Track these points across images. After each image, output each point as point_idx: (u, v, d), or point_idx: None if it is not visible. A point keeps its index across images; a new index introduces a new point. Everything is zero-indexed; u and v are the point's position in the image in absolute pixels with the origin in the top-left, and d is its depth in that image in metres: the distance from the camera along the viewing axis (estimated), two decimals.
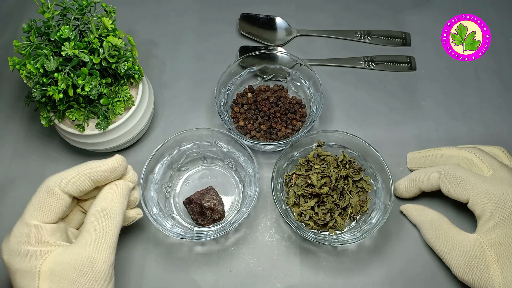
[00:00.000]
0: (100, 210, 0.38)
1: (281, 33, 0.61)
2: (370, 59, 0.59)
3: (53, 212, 0.37)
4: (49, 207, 0.37)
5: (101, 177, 0.39)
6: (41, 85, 0.43)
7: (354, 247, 0.48)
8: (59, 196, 0.37)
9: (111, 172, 0.39)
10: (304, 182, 0.48)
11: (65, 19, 0.46)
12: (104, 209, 0.38)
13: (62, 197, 0.37)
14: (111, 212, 0.38)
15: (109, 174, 0.39)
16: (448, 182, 0.45)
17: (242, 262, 0.47)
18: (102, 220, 0.37)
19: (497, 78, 0.57)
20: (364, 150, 0.49)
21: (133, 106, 0.48)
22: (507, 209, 0.41)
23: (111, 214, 0.38)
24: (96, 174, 0.38)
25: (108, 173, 0.39)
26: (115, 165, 0.39)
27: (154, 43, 0.60)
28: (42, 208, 0.37)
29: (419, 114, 0.55)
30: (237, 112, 0.54)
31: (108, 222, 0.37)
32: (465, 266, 0.42)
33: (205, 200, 0.47)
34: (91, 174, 0.38)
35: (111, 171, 0.39)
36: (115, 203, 0.39)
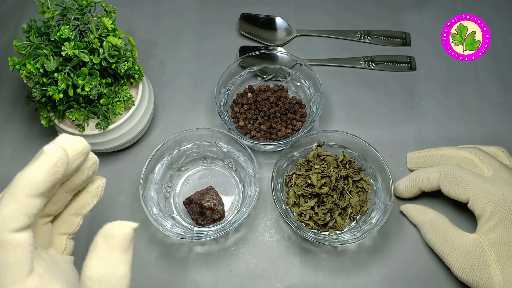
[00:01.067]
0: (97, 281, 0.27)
1: (281, 33, 0.61)
2: (370, 59, 0.59)
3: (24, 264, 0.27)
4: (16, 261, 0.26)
5: (47, 187, 0.27)
6: (41, 85, 0.43)
7: (354, 247, 0.48)
8: (16, 242, 0.26)
9: (55, 173, 0.27)
10: (304, 182, 0.48)
11: (65, 19, 0.46)
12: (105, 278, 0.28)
13: (20, 239, 0.27)
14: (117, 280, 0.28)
15: (54, 176, 0.27)
16: (448, 182, 0.45)
17: (242, 262, 0.47)
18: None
19: (497, 78, 0.57)
20: (364, 150, 0.49)
21: (133, 106, 0.48)
22: (507, 209, 0.41)
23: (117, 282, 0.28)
24: (39, 187, 0.27)
25: (52, 176, 0.27)
26: (53, 161, 0.27)
27: (154, 43, 0.60)
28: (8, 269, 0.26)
29: (419, 114, 0.55)
30: (237, 112, 0.54)
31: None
32: (465, 266, 0.42)
33: (205, 200, 0.47)
34: (33, 191, 0.27)
35: (54, 171, 0.27)
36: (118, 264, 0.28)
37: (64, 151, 0.28)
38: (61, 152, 0.28)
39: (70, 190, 0.33)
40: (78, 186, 0.33)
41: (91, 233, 0.33)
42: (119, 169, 0.52)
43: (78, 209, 0.35)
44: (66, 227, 0.34)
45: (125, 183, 0.51)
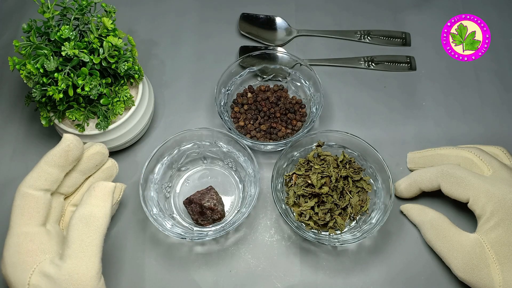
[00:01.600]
0: (79, 218, 0.36)
1: (281, 33, 0.61)
2: (370, 59, 0.59)
3: (35, 214, 0.37)
4: (30, 210, 0.37)
5: (61, 160, 0.39)
6: (41, 85, 0.43)
7: (354, 247, 0.48)
8: (34, 196, 0.37)
9: (67, 151, 0.39)
10: (304, 182, 0.48)
11: (65, 19, 0.46)
12: (84, 216, 0.36)
13: (37, 195, 0.38)
14: (92, 219, 0.36)
15: (66, 153, 0.39)
16: (448, 182, 0.45)
17: (242, 262, 0.47)
18: (82, 228, 0.36)
19: (497, 78, 0.57)
20: (364, 150, 0.49)
21: (133, 106, 0.48)
22: (507, 209, 0.41)
23: (92, 220, 0.36)
24: (55, 159, 0.38)
25: (65, 153, 0.39)
26: (67, 143, 0.39)
27: (154, 43, 0.60)
28: (23, 214, 0.37)
29: (419, 114, 0.55)
30: (237, 112, 0.54)
31: (90, 230, 0.36)
32: (465, 266, 0.42)
33: (205, 200, 0.47)
34: (50, 161, 0.38)
35: (66, 150, 0.39)
36: (95, 207, 0.37)
37: (78, 140, 0.40)
38: (74, 138, 0.39)
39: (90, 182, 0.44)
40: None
41: None
42: (119, 169, 0.52)
43: None
44: None
45: (125, 183, 0.51)
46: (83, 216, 0.36)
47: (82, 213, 0.36)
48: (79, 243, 0.35)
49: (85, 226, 0.36)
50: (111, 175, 0.45)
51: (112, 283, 0.46)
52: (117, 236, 0.48)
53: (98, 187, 0.37)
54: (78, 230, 0.36)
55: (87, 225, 0.36)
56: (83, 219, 0.36)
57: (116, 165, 0.45)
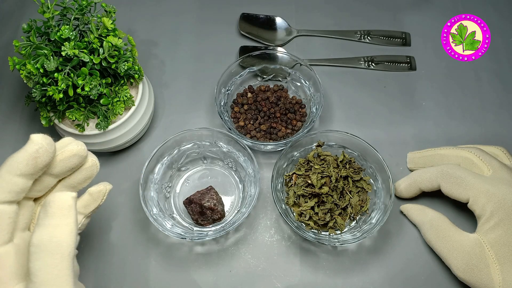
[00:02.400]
0: (38, 246, 0.30)
1: (281, 33, 0.61)
2: (370, 59, 0.59)
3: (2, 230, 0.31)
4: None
5: (28, 168, 0.31)
6: (41, 85, 0.43)
7: (354, 247, 0.48)
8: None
9: (35, 158, 0.32)
10: (304, 182, 0.48)
11: (65, 19, 0.46)
12: (44, 242, 0.30)
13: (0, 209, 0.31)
14: (54, 244, 0.30)
15: (34, 160, 0.31)
16: (448, 182, 0.45)
17: (242, 262, 0.47)
18: (44, 258, 0.29)
19: (497, 78, 0.57)
20: (364, 150, 0.49)
21: (133, 106, 0.48)
22: (507, 209, 0.41)
23: (55, 246, 0.30)
24: (21, 167, 0.31)
25: (33, 160, 0.31)
26: (35, 147, 0.32)
27: (154, 43, 0.60)
28: None
29: (419, 114, 0.55)
30: (237, 112, 0.54)
31: (55, 258, 0.30)
32: (465, 266, 0.42)
33: (205, 200, 0.47)
34: (15, 170, 0.31)
35: (35, 156, 0.32)
36: (54, 228, 0.30)
37: (49, 141, 0.32)
38: (44, 141, 0.32)
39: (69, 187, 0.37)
40: (77, 184, 0.37)
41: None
42: (119, 169, 0.52)
43: (80, 208, 0.38)
44: None
45: (125, 183, 0.51)
46: (42, 242, 0.30)
47: (41, 238, 0.30)
48: (45, 276, 0.29)
49: (48, 254, 0.29)
50: (91, 175, 0.37)
51: (112, 284, 0.46)
52: (117, 236, 0.48)
53: (53, 203, 0.30)
54: (41, 260, 0.29)
55: (50, 252, 0.29)
56: (44, 246, 0.30)
57: (97, 164, 0.37)
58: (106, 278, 0.46)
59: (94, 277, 0.46)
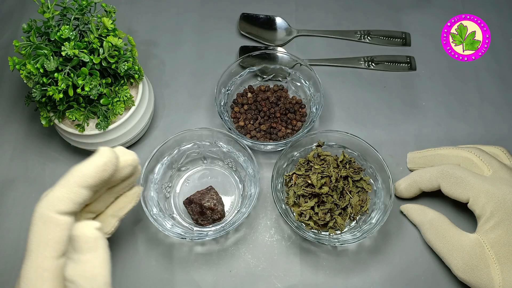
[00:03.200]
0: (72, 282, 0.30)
1: (281, 33, 0.61)
2: (370, 59, 0.59)
3: (59, 244, 0.31)
4: (53, 238, 0.31)
5: (95, 181, 0.32)
6: (41, 85, 0.43)
7: (354, 247, 0.48)
8: (58, 222, 0.31)
9: (103, 171, 0.32)
10: (304, 182, 0.48)
11: (65, 19, 0.46)
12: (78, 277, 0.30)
13: (62, 220, 0.31)
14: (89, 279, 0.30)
15: (102, 173, 0.32)
16: (448, 182, 0.45)
17: (242, 262, 0.47)
18: None
19: (497, 78, 0.57)
20: (364, 150, 0.49)
21: (133, 106, 0.48)
22: (507, 209, 0.41)
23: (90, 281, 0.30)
24: (88, 179, 0.32)
25: (100, 173, 0.32)
26: (104, 160, 0.32)
27: (154, 43, 0.60)
28: (46, 243, 0.31)
29: (419, 114, 0.55)
30: (237, 112, 0.54)
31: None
32: (465, 266, 0.42)
33: (205, 200, 0.47)
34: (82, 182, 0.32)
35: (103, 169, 0.32)
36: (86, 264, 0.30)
37: (115, 155, 0.33)
38: (112, 154, 0.33)
39: (114, 194, 0.38)
40: (121, 190, 0.38)
41: None
42: None
43: (116, 211, 0.39)
44: (104, 226, 0.38)
45: None
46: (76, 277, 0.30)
47: (74, 273, 0.30)
48: None
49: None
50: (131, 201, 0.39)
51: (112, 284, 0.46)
52: (117, 236, 0.48)
53: (79, 238, 0.31)
54: None
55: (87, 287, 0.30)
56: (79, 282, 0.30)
57: (139, 195, 0.39)
58: None
59: None
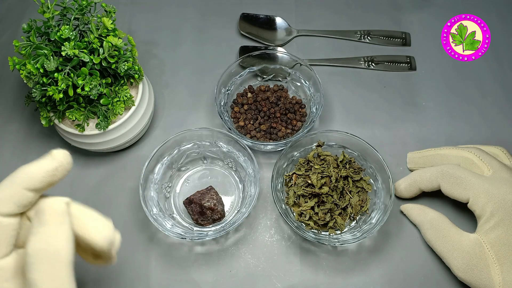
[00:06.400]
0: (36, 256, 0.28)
1: (281, 33, 0.61)
2: (370, 59, 0.59)
3: (2, 244, 0.30)
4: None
5: (42, 185, 0.30)
6: (41, 85, 0.43)
7: (354, 247, 0.48)
8: (1, 223, 0.29)
9: (52, 175, 0.30)
10: (304, 182, 0.48)
11: (65, 19, 0.46)
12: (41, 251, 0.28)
13: (5, 222, 0.29)
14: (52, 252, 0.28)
15: (51, 178, 0.30)
16: (448, 182, 0.45)
17: (242, 262, 0.47)
18: (44, 268, 0.27)
19: (497, 78, 0.57)
20: (364, 150, 0.49)
21: (133, 106, 0.48)
22: (507, 209, 0.41)
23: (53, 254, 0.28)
24: (35, 183, 0.30)
25: (49, 178, 0.30)
26: (55, 165, 0.30)
27: (154, 43, 0.60)
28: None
29: (419, 114, 0.55)
30: (237, 112, 0.54)
31: (55, 267, 0.28)
32: (465, 266, 0.42)
33: (205, 200, 0.47)
34: (28, 185, 0.30)
35: (52, 173, 0.30)
36: (50, 237, 0.28)
37: (69, 159, 0.31)
38: (66, 160, 0.31)
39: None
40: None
41: None
42: (119, 169, 0.52)
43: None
44: None
45: (125, 183, 0.51)
46: (39, 251, 0.28)
47: (37, 247, 0.28)
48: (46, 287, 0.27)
49: (47, 264, 0.28)
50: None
51: (112, 284, 0.46)
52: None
53: (47, 210, 0.29)
54: (39, 271, 0.27)
55: (49, 262, 0.28)
56: (41, 256, 0.28)
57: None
58: (106, 278, 0.46)
59: (94, 277, 0.46)
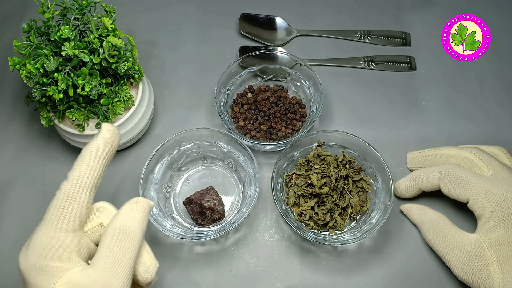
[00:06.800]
0: (118, 229, 0.34)
1: (281, 33, 0.61)
2: (370, 59, 0.59)
3: (76, 218, 0.34)
4: (72, 213, 0.34)
5: (106, 153, 0.36)
6: (41, 85, 0.43)
7: (354, 247, 0.48)
8: (80, 199, 0.34)
9: (111, 142, 0.36)
10: (304, 182, 0.48)
11: (65, 19, 0.46)
12: (123, 228, 0.34)
13: (84, 198, 0.34)
14: (130, 231, 0.34)
15: (110, 144, 0.36)
16: (448, 182, 0.45)
17: (242, 262, 0.47)
18: (120, 240, 0.33)
19: (497, 78, 0.57)
20: (364, 150, 0.49)
21: (133, 106, 0.48)
22: (507, 209, 0.41)
23: (130, 233, 0.34)
24: (102, 152, 0.35)
25: (109, 144, 0.36)
26: (109, 133, 0.36)
27: (154, 43, 0.60)
28: (64, 216, 0.34)
29: (419, 114, 0.55)
30: (237, 112, 0.54)
31: (127, 242, 0.33)
32: (465, 266, 0.42)
33: (205, 200, 0.47)
34: (97, 155, 0.35)
35: (110, 140, 0.36)
36: (134, 221, 0.34)
37: (116, 127, 0.37)
38: (114, 127, 0.37)
39: None
40: None
41: None
42: (119, 169, 0.52)
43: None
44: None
45: (125, 183, 0.51)
46: (122, 227, 0.34)
47: (121, 224, 0.34)
48: (116, 255, 0.33)
49: (123, 238, 0.33)
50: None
51: None
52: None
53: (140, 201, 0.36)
54: (117, 241, 0.33)
55: (125, 238, 0.33)
56: (122, 230, 0.34)
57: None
58: None
59: None
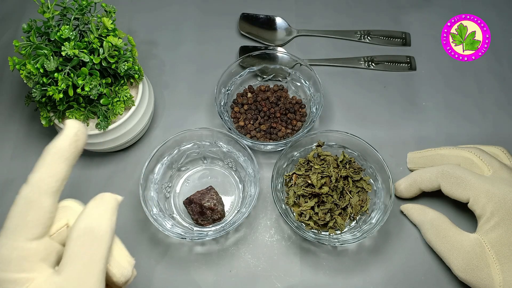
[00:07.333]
0: (83, 230, 0.31)
1: (281, 33, 0.61)
2: (370, 59, 0.59)
3: (38, 225, 0.31)
4: (33, 220, 0.31)
5: (70, 153, 0.32)
6: (41, 85, 0.43)
7: (354, 247, 0.48)
8: (41, 204, 0.31)
9: (76, 141, 0.32)
10: (304, 182, 0.48)
11: (65, 19, 0.46)
12: (88, 228, 0.31)
13: (46, 203, 0.31)
14: (97, 231, 0.31)
15: (75, 143, 0.32)
16: (448, 182, 0.45)
17: (242, 262, 0.47)
18: (86, 242, 0.30)
19: (497, 78, 0.57)
20: (364, 150, 0.49)
21: (133, 106, 0.48)
22: (508, 209, 0.41)
23: (97, 233, 0.31)
24: (65, 152, 0.32)
25: (74, 143, 0.32)
26: (73, 131, 0.33)
27: (154, 43, 0.60)
28: (24, 224, 0.30)
29: (419, 114, 0.55)
30: (237, 112, 0.54)
31: (94, 244, 0.31)
32: (466, 266, 0.42)
33: (205, 200, 0.47)
34: (60, 156, 0.32)
35: (75, 139, 0.32)
36: (101, 219, 0.32)
37: (82, 124, 0.33)
38: (80, 124, 0.33)
39: None
40: None
41: None
42: (119, 169, 0.52)
43: None
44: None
45: (125, 183, 0.51)
46: (88, 227, 0.31)
47: (85, 224, 0.31)
48: (84, 259, 0.30)
49: (90, 240, 0.31)
50: None
51: None
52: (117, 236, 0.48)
53: (105, 197, 0.33)
54: (81, 245, 0.31)
55: (92, 239, 0.31)
56: (87, 232, 0.31)
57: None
58: None
59: None
